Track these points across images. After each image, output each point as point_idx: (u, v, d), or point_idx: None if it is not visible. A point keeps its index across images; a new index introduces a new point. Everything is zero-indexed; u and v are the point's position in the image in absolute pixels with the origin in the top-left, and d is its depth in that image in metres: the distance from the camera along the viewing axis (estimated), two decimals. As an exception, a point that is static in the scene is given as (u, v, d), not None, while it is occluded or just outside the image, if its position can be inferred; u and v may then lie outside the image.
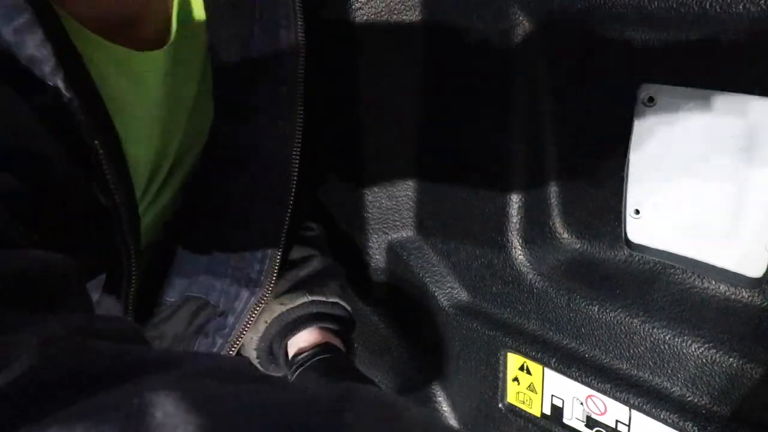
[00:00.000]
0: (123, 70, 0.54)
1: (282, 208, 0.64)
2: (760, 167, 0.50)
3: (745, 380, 0.51)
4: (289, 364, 0.68)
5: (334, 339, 0.70)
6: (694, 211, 0.55)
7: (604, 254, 0.63)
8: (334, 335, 0.70)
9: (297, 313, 0.68)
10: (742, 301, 0.54)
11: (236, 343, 0.67)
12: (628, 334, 0.58)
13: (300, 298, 0.69)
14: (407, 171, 0.75)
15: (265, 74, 0.61)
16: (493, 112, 0.64)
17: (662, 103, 0.54)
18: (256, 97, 0.61)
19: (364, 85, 0.72)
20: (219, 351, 0.67)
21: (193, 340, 0.69)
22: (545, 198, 0.65)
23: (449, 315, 0.73)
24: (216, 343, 0.68)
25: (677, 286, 0.58)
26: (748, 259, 0.53)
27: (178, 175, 0.67)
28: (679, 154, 0.55)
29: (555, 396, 0.65)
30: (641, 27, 0.52)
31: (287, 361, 0.69)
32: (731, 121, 0.51)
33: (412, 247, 0.77)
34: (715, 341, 0.53)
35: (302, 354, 0.66)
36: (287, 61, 0.60)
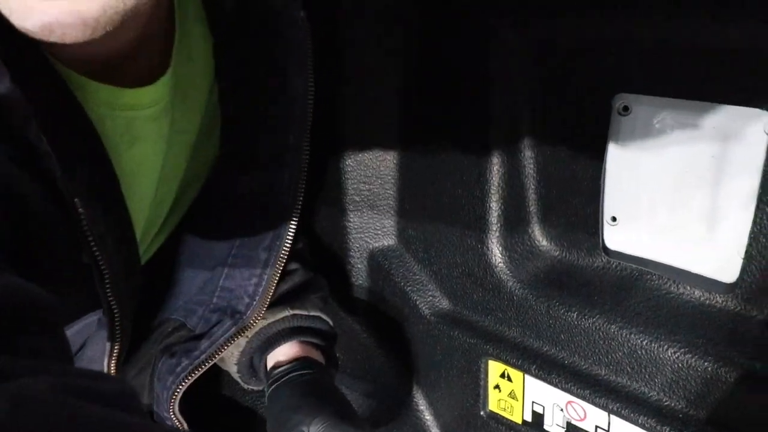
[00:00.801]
0: (116, 110, 0.51)
1: (275, 254, 0.63)
2: (732, 174, 0.52)
3: (720, 384, 0.52)
4: (267, 377, 0.67)
5: (315, 353, 0.69)
6: (669, 218, 0.56)
7: (582, 261, 0.63)
8: (314, 349, 0.69)
9: (277, 327, 0.68)
10: (717, 306, 0.55)
11: (201, 367, 0.65)
12: (606, 340, 0.59)
13: (281, 313, 0.68)
14: (388, 181, 0.75)
15: (275, 123, 0.60)
16: (471, 121, 0.65)
17: (637, 113, 0.56)
18: (263, 146, 0.60)
19: (346, 98, 0.72)
20: (180, 372, 0.65)
21: (158, 358, 0.68)
22: (524, 207, 0.65)
23: (431, 323, 0.74)
24: (180, 363, 0.66)
25: (654, 291, 0.59)
26: (722, 265, 0.54)
27: (173, 220, 0.66)
28: (654, 162, 0.56)
29: (536, 403, 0.66)
30: (616, 37, 0.53)
31: (266, 374, 0.68)
32: (704, 129, 0.52)
33: (393, 256, 0.78)
34: (691, 346, 0.54)
35: (279, 368, 0.66)
36: (296, 111, 0.59)
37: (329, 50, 0.70)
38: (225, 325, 0.65)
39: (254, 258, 0.64)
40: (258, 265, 0.64)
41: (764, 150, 0.48)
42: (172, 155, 0.58)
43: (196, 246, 0.67)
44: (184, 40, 0.55)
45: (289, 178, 0.61)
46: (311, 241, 0.82)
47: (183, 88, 0.56)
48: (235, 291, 0.65)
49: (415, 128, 0.71)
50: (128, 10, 0.40)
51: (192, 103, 0.59)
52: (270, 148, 0.61)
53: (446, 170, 0.69)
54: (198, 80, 0.59)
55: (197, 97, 0.59)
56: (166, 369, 0.67)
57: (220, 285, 0.65)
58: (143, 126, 0.53)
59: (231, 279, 0.65)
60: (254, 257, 0.64)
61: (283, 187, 0.62)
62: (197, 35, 0.57)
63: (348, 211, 0.77)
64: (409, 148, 0.73)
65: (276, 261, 0.64)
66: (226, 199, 0.64)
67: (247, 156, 0.61)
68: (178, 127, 0.57)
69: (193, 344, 0.66)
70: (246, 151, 0.61)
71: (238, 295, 0.65)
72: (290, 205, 0.62)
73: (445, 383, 0.75)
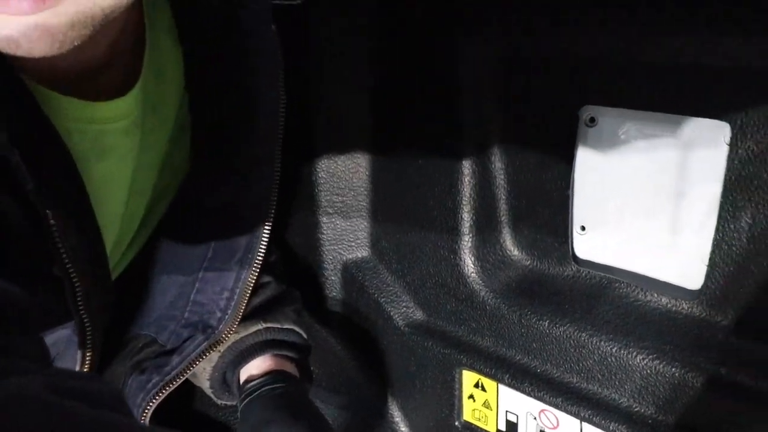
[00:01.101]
0: (84, 124, 0.50)
1: (248, 269, 0.63)
2: (695, 184, 0.53)
3: (688, 389, 0.53)
4: (240, 392, 0.67)
5: (289, 365, 0.68)
6: (635, 226, 0.58)
7: (552, 270, 0.64)
8: (288, 362, 0.69)
9: (250, 341, 0.67)
10: (683, 313, 0.56)
11: (172, 383, 0.65)
12: (577, 348, 0.59)
13: (253, 326, 0.67)
14: (361, 192, 0.76)
15: (246, 136, 0.59)
16: (442, 133, 0.65)
17: (603, 124, 0.57)
18: (234, 159, 0.60)
19: (317, 111, 0.73)
20: (151, 388, 0.64)
21: (128, 375, 0.67)
22: (495, 217, 0.66)
23: (405, 334, 0.74)
24: (151, 379, 0.65)
25: (622, 299, 0.60)
26: (687, 272, 0.55)
27: (144, 234, 0.65)
28: (620, 172, 0.57)
29: (509, 412, 0.66)
30: (581, 51, 0.54)
31: (239, 388, 0.67)
32: (668, 140, 0.54)
33: (366, 267, 0.78)
34: (659, 352, 0.55)
35: (251, 382, 0.65)
36: (268, 124, 0.59)
37: (300, 63, 0.71)
38: (196, 341, 0.64)
39: (226, 272, 0.63)
40: (230, 279, 0.63)
41: (725, 160, 0.49)
42: (142, 169, 0.57)
43: (168, 260, 0.66)
44: (154, 54, 0.55)
45: (261, 191, 0.61)
46: (284, 253, 0.82)
47: (153, 102, 0.56)
48: (207, 305, 0.64)
49: (386, 140, 0.72)
50: (97, 23, 0.39)
51: (162, 116, 0.58)
52: (241, 161, 0.60)
53: (418, 182, 0.69)
54: (168, 93, 0.58)
55: (167, 110, 0.59)
56: (136, 385, 0.65)
57: (192, 299, 0.65)
58: (113, 140, 0.52)
59: (202, 293, 0.64)
60: (226, 271, 0.63)
61: (254, 200, 0.62)
62: (167, 48, 0.56)
63: (321, 223, 0.77)
64: (381, 159, 0.73)
65: (248, 275, 0.63)
66: (197, 213, 0.63)
67: (217, 169, 0.61)
68: (149, 140, 0.57)
69: (164, 360, 0.65)
70: (217, 164, 0.61)
71: (209, 309, 0.64)
72: (262, 218, 0.62)
73: (420, 394, 0.75)
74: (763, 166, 0.47)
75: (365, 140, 0.73)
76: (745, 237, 0.50)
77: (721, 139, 0.50)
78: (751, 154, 0.48)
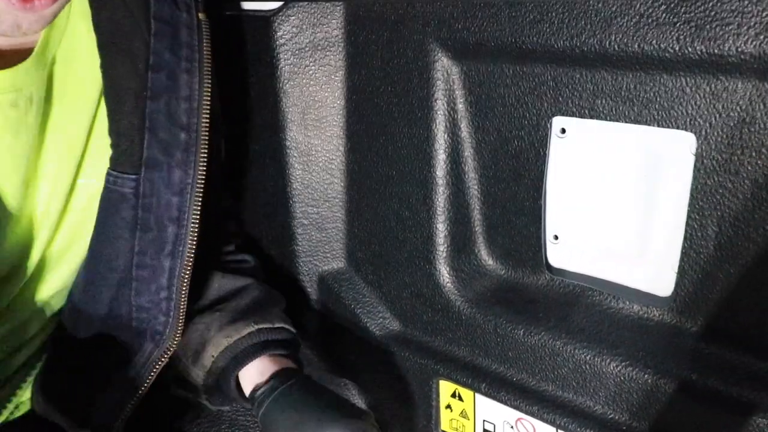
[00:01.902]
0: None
1: (180, 262, 0.62)
2: (662, 192, 0.54)
3: (660, 395, 0.54)
4: (251, 400, 0.65)
5: (285, 362, 0.68)
6: (606, 235, 0.58)
7: (527, 279, 0.65)
8: (284, 359, 0.68)
9: (244, 344, 0.66)
10: (654, 320, 0.57)
11: (135, 395, 0.64)
12: (552, 356, 0.60)
13: (245, 329, 0.67)
14: (336, 204, 0.76)
15: (162, 122, 0.59)
16: (416, 144, 0.66)
17: (574, 135, 0.58)
18: (151, 145, 0.59)
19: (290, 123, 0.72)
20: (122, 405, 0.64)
21: (96, 392, 0.66)
22: (469, 227, 0.67)
23: (381, 345, 0.74)
24: (113, 397, 0.65)
25: (595, 307, 0.60)
26: (658, 280, 0.56)
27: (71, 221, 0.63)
28: (591, 181, 0.58)
29: (486, 421, 0.66)
30: (550, 63, 0.55)
31: (242, 395, 0.67)
32: (636, 150, 0.55)
33: (342, 278, 0.78)
34: (632, 359, 0.55)
35: (261, 389, 0.64)
36: (187, 109, 0.59)
37: (269, 76, 0.70)
38: (146, 351, 0.64)
39: (158, 268, 0.62)
40: (164, 275, 0.62)
41: (691, 170, 0.50)
42: (48, 151, 0.57)
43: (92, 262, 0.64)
44: (55, 33, 0.56)
45: (182, 177, 0.60)
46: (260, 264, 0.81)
47: (62, 84, 0.56)
48: (150, 310, 0.63)
49: (360, 151, 0.72)
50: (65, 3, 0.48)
51: (74, 101, 0.58)
52: (157, 147, 0.59)
53: (392, 193, 0.70)
54: (84, 78, 0.58)
55: (82, 95, 0.58)
56: (105, 401, 0.65)
57: (134, 303, 0.63)
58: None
59: (141, 295, 0.63)
60: (158, 267, 0.62)
61: (175, 188, 0.60)
62: (81, 34, 0.57)
63: (296, 235, 0.77)
64: (356, 170, 0.73)
65: (182, 269, 0.62)
66: (116, 204, 0.61)
67: (134, 157, 0.59)
68: (56, 124, 0.57)
69: (120, 375, 0.65)
70: (133, 151, 0.59)
71: (153, 314, 0.64)
72: (186, 207, 0.60)
73: (398, 404, 0.75)
74: (728, 175, 0.49)
75: (340, 151, 0.73)
76: (713, 245, 0.51)
77: (687, 150, 0.51)
78: (716, 164, 0.49)
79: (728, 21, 0.44)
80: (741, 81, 0.46)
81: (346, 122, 0.72)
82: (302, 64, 0.70)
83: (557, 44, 0.53)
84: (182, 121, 0.59)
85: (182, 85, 0.59)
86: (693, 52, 0.46)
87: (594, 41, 0.51)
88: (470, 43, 0.58)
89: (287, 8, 0.68)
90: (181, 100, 0.59)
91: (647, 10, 0.47)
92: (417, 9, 0.61)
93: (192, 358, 0.68)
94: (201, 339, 0.68)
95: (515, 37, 0.55)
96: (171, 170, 0.59)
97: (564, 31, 0.52)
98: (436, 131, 0.64)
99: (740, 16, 0.44)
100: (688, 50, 0.46)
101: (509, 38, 0.55)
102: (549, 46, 0.53)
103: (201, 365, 0.67)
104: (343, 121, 0.72)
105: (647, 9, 0.47)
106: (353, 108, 0.71)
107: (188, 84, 0.59)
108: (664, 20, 0.47)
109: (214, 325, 0.68)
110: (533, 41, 0.54)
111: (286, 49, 0.69)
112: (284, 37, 0.69)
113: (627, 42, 0.49)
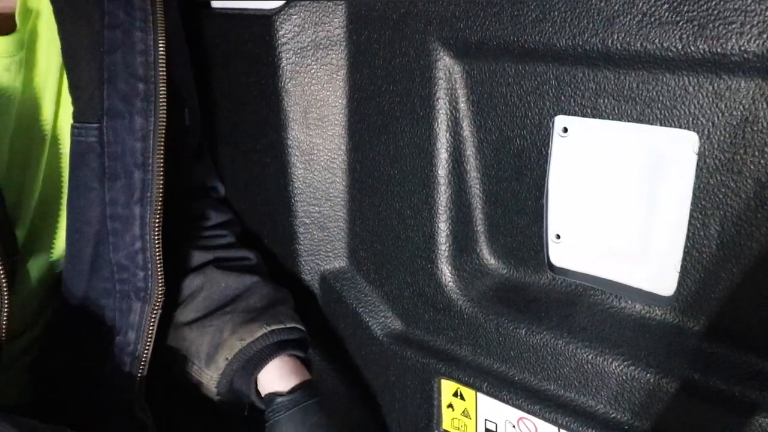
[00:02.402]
0: None
1: (150, 209, 0.64)
2: (664, 192, 0.54)
3: (662, 394, 0.54)
4: (267, 403, 0.66)
5: (301, 368, 0.69)
6: (608, 234, 0.58)
7: (529, 278, 0.65)
8: (300, 362, 0.70)
9: (258, 345, 0.67)
10: (657, 319, 0.57)
11: (144, 356, 0.66)
12: (554, 355, 0.60)
13: (258, 331, 0.68)
14: (338, 203, 0.76)
15: (120, 73, 0.62)
16: (417, 142, 0.66)
17: (576, 134, 0.58)
18: (110, 96, 0.62)
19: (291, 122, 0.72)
20: (130, 372, 0.66)
21: (102, 365, 0.67)
22: (471, 226, 0.67)
23: (383, 344, 0.74)
24: (125, 363, 0.66)
25: (597, 306, 0.60)
26: (660, 279, 0.56)
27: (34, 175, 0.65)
28: (593, 180, 0.58)
29: (488, 420, 0.66)
30: (552, 62, 0.55)
31: (260, 398, 0.68)
32: (639, 149, 0.54)
33: (344, 277, 0.78)
34: (634, 359, 0.55)
35: (282, 398, 0.65)
36: (143, 60, 0.62)
37: (271, 75, 0.70)
38: (137, 310, 0.66)
39: (130, 217, 0.64)
40: (136, 223, 0.64)
41: (694, 169, 0.50)
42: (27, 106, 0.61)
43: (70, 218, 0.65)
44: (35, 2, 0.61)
45: (143, 124, 0.62)
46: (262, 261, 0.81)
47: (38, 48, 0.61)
48: (129, 268, 0.65)
49: (362, 150, 0.72)
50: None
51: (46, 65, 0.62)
52: (117, 97, 0.62)
53: (394, 192, 0.69)
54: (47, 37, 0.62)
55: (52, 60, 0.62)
56: (115, 372, 0.66)
57: (113, 262, 0.65)
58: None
59: (118, 250, 0.65)
60: (130, 216, 0.64)
61: (137, 135, 0.63)
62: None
63: (298, 234, 0.77)
64: (357, 169, 0.73)
65: (152, 216, 0.64)
66: (84, 154, 0.63)
67: (95, 107, 0.62)
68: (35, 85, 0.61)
69: (122, 339, 0.66)
70: (94, 102, 0.62)
71: (132, 272, 0.65)
72: (150, 152, 0.63)
73: (400, 404, 0.75)
74: (731, 175, 0.48)
75: (341, 150, 0.73)
76: (715, 244, 0.51)
77: (690, 149, 0.51)
78: (719, 163, 0.49)
79: (731, 20, 0.44)
80: (744, 80, 0.46)
81: (347, 121, 0.72)
82: (304, 63, 0.70)
83: (559, 43, 0.52)
84: (139, 73, 0.62)
85: (137, 41, 0.62)
86: (696, 51, 0.46)
87: (596, 40, 0.50)
88: (472, 42, 0.58)
89: (289, 7, 0.68)
90: (137, 53, 0.62)
91: (650, 9, 0.47)
92: (419, 8, 0.61)
93: (205, 361, 0.69)
94: (213, 342, 0.69)
95: (517, 36, 0.55)
96: (132, 118, 0.62)
97: (566, 30, 0.52)
98: (438, 130, 0.64)
99: (743, 15, 0.43)
100: (690, 49, 0.46)
101: (511, 37, 0.55)
102: (551, 45, 0.53)
103: (215, 368, 0.68)
104: (344, 120, 0.72)
105: (650, 8, 0.47)
106: (355, 107, 0.71)
107: (143, 40, 0.62)
108: (666, 19, 0.47)
109: (227, 327, 0.69)
110: (535, 40, 0.54)
111: (288, 48, 0.69)
112: (286, 36, 0.69)
113: (630, 41, 0.49)
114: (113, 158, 0.62)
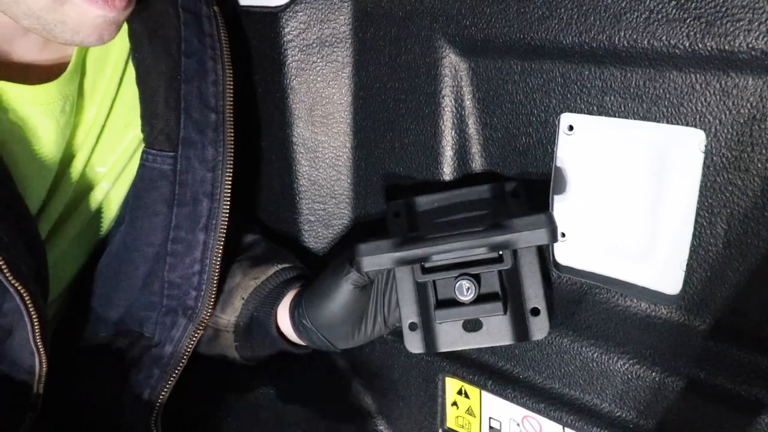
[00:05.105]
0: (5, 109, 0.53)
1: (214, 235, 0.64)
2: (670, 190, 0.54)
3: (668, 393, 0.53)
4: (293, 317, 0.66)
5: None
6: (614, 232, 0.58)
7: (534, 277, 0.65)
8: None
9: (273, 283, 0.69)
10: (662, 318, 0.57)
11: (174, 372, 0.66)
12: (559, 354, 0.60)
13: (270, 269, 0.70)
14: (342, 200, 0.76)
15: (194, 103, 0.62)
16: (422, 140, 0.66)
17: (582, 131, 0.57)
18: (184, 125, 0.62)
19: (296, 120, 0.72)
20: (156, 382, 0.66)
21: (127, 374, 0.67)
22: (476, 223, 0.66)
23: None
24: (153, 374, 0.66)
25: (603, 305, 0.60)
26: (665, 277, 0.56)
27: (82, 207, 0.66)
28: (598, 178, 0.58)
29: (492, 418, 0.66)
30: (559, 60, 0.55)
31: (280, 334, 0.68)
32: (644, 147, 0.54)
33: (349, 275, 0.77)
34: (639, 357, 0.55)
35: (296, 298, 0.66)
36: (215, 90, 0.63)
37: (276, 72, 0.70)
38: (181, 326, 0.66)
39: (193, 242, 0.64)
40: (198, 248, 0.65)
41: (700, 167, 0.50)
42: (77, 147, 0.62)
43: (129, 237, 0.66)
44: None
45: (214, 155, 0.63)
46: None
47: (92, 85, 0.61)
48: (182, 286, 0.66)
49: (368, 147, 0.72)
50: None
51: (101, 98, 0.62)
52: (192, 127, 0.63)
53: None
54: (107, 76, 0.62)
55: (106, 93, 0.62)
56: (138, 383, 0.66)
57: (166, 279, 0.65)
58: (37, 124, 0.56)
59: (174, 270, 0.65)
60: (193, 241, 0.64)
61: (208, 165, 0.63)
62: None
63: (303, 231, 0.77)
64: (363, 167, 0.73)
65: (215, 242, 0.65)
66: (155, 180, 0.64)
67: (172, 135, 0.63)
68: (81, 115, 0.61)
69: (157, 352, 0.66)
70: (170, 130, 0.63)
71: (184, 290, 0.66)
72: (219, 182, 0.64)
73: (404, 402, 0.75)
74: (738, 173, 0.48)
75: (346, 148, 0.73)
76: (721, 242, 0.50)
77: (696, 147, 0.50)
78: (726, 162, 0.49)
79: (739, 17, 0.44)
80: (751, 77, 0.46)
81: (353, 119, 0.72)
82: (309, 61, 0.70)
83: (566, 40, 0.52)
84: (211, 103, 0.63)
85: (209, 70, 0.63)
86: (703, 48, 0.46)
87: (603, 37, 0.50)
88: (478, 40, 0.58)
89: (295, 4, 0.68)
90: (209, 84, 0.63)
91: (657, 6, 0.47)
92: (425, 5, 0.61)
93: (221, 307, 0.70)
94: (227, 288, 0.70)
95: (523, 34, 0.55)
96: (205, 148, 0.63)
97: (573, 28, 0.52)
98: (444, 128, 0.64)
99: (751, 12, 0.43)
100: (698, 46, 0.46)
101: (517, 34, 0.55)
102: (557, 42, 0.53)
103: (231, 310, 0.69)
104: (350, 117, 0.72)
105: (657, 5, 0.47)
106: (360, 104, 0.71)
107: (214, 70, 0.63)
108: (674, 16, 0.47)
109: (237, 272, 0.71)
110: (541, 37, 0.54)
111: (294, 46, 0.69)
112: (291, 33, 0.69)
113: (636, 38, 0.49)
114: (184, 185, 0.63)
